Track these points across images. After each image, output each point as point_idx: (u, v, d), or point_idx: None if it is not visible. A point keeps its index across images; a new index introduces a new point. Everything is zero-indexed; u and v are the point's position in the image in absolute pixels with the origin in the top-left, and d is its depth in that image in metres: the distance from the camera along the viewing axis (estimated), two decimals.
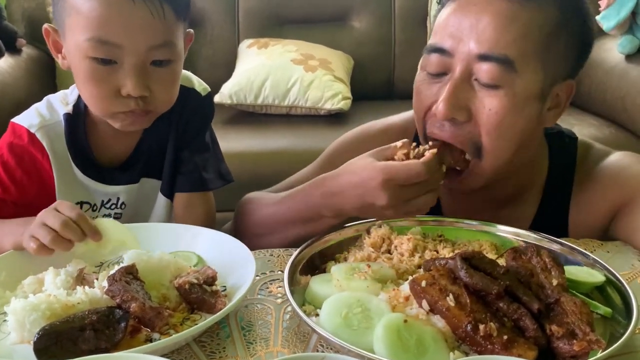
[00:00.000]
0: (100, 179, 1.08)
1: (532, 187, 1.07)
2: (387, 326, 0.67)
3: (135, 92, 0.94)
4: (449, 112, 0.91)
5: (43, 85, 2.61)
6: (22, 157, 1.04)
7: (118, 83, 0.94)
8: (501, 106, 0.90)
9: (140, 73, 0.94)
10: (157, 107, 1.00)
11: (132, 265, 0.79)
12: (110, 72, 0.93)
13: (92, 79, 0.94)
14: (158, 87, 0.97)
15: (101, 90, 0.95)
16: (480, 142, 0.93)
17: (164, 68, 0.97)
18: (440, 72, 0.94)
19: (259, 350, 0.73)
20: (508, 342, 0.66)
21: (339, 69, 2.62)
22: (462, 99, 0.92)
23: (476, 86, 0.92)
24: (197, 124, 1.12)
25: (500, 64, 0.89)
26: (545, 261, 0.79)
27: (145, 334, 0.73)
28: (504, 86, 0.90)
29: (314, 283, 0.83)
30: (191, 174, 1.10)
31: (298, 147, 2.30)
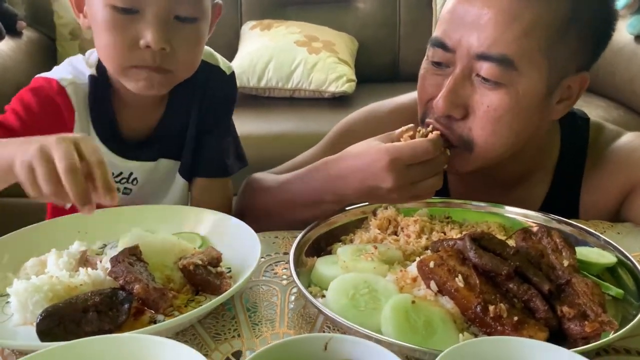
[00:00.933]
0: (117, 151, 1.03)
1: (543, 168, 1.05)
2: (394, 307, 0.66)
3: (154, 44, 0.87)
4: (446, 109, 0.90)
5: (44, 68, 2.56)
6: (48, 103, 0.96)
7: (137, 33, 0.88)
8: (501, 104, 0.88)
9: (162, 24, 0.88)
10: (176, 68, 0.93)
11: (136, 247, 0.78)
12: (130, 22, 0.88)
13: (110, 28, 0.88)
14: (180, 44, 0.91)
15: (118, 39, 0.89)
16: (471, 136, 0.91)
17: (188, 25, 0.91)
18: (444, 64, 0.93)
19: (265, 332, 0.72)
20: (518, 323, 0.65)
21: (343, 50, 2.59)
22: (461, 96, 0.90)
23: (477, 82, 0.89)
24: (221, 105, 1.08)
25: (500, 64, 0.86)
26: (556, 242, 0.78)
27: (149, 316, 0.72)
28: (506, 84, 0.87)
29: (320, 264, 0.82)
30: (213, 160, 1.07)
31: (302, 130, 2.28)
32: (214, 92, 1.06)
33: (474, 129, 0.91)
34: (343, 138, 1.13)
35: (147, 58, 0.90)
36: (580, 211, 1.05)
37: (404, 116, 1.11)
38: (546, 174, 1.05)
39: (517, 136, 0.92)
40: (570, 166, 1.04)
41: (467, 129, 0.91)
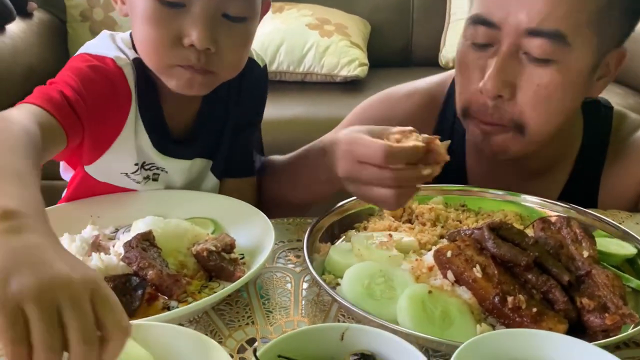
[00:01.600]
0: (158, 146, 0.93)
1: (564, 157, 1.03)
2: (411, 297, 0.65)
3: (199, 44, 0.80)
4: (497, 89, 0.87)
5: (55, 50, 2.58)
6: (106, 85, 0.86)
7: (181, 30, 0.80)
8: (551, 81, 0.85)
9: (209, 22, 0.80)
10: (220, 70, 0.85)
11: (149, 232, 0.77)
12: (175, 16, 0.80)
13: (152, 21, 0.81)
14: (226, 44, 0.82)
15: (160, 34, 0.81)
16: (523, 118, 0.89)
17: (237, 24, 0.83)
18: (487, 44, 0.89)
19: (279, 319, 0.71)
20: (537, 314, 0.64)
21: (355, 34, 2.56)
22: (509, 75, 0.87)
23: (524, 60, 0.86)
24: (256, 100, 1.03)
25: (552, 39, 0.83)
26: (575, 232, 0.76)
27: (163, 302, 0.72)
28: (557, 61, 0.85)
29: (334, 252, 0.81)
30: (243, 159, 1.02)
31: (313, 115, 2.27)
32: (249, 87, 1.00)
33: (525, 110, 0.88)
34: (359, 122, 1.12)
35: (190, 57, 0.82)
36: (599, 200, 1.03)
37: (419, 100, 1.09)
38: (567, 163, 1.03)
39: (566, 114, 0.90)
40: (592, 155, 1.02)
41: (518, 111, 0.88)
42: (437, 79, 1.13)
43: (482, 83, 0.88)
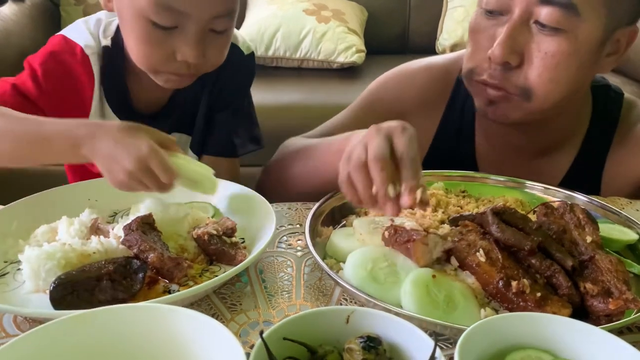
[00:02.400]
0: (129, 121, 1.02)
1: (571, 138, 1.04)
2: (415, 281, 0.65)
3: (193, 60, 0.87)
4: (505, 56, 0.87)
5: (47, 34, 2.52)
6: (68, 71, 0.95)
7: (174, 47, 0.87)
8: (559, 50, 0.86)
9: (200, 40, 0.87)
10: (206, 70, 0.95)
11: (149, 215, 0.76)
12: (168, 37, 0.86)
13: (146, 42, 0.87)
14: (212, 52, 0.91)
15: (155, 52, 0.88)
16: (529, 84, 0.89)
17: (221, 35, 0.91)
18: (498, 11, 0.89)
19: (281, 303, 0.70)
20: (541, 299, 0.64)
21: (352, 20, 2.54)
22: (518, 43, 0.87)
23: (534, 29, 0.87)
24: (237, 84, 1.06)
25: (563, 8, 0.83)
26: (578, 217, 0.76)
27: (163, 285, 0.71)
28: (566, 30, 0.85)
29: (336, 237, 0.80)
30: (222, 138, 1.05)
31: (310, 101, 2.25)
32: (230, 72, 1.03)
33: (530, 77, 0.88)
34: (377, 97, 1.12)
35: (182, 68, 0.89)
36: (603, 184, 1.03)
37: (435, 74, 1.10)
38: (573, 146, 1.04)
39: (572, 85, 0.90)
40: (598, 139, 1.03)
41: (524, 77, 0.89)
42: (453, 55, 1.13)
43: (490, 50, 0.88)
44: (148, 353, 0.51)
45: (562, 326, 0.54)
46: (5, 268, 0.76)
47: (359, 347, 0.51)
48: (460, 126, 1.08)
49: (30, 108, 0.93)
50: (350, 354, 0.51)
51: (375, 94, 1.13)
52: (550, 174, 0.99)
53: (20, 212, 0.84)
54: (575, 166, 1.04)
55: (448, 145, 1.09)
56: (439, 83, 1.10)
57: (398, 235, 0.72)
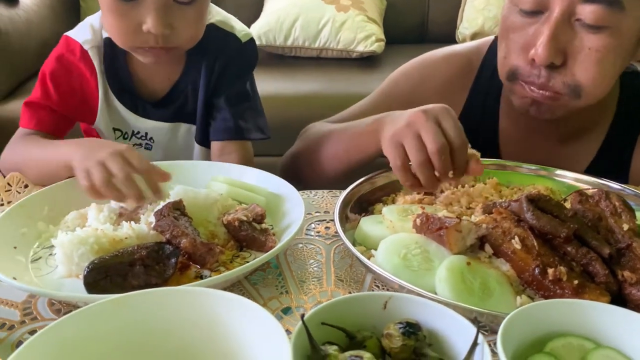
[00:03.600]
0: (132, 107, 1.06)
1: (597, 126, 1.02)
2: (450, 268, 0.64)
3: (155, 30, 0.90)
4: (550, 56, 0.85)
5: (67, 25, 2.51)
6: (71, 71, 1.03)
7: (140, 19, 0.90)
8: (604, 45, 0.84)
9: (162, 10, 0.90)
10: (180, 44, 0.97)
11: (180, 201, 0.76)
12: (132, 7, 0.90)
13: (114, 13, 0.91)
14: (181, 24, 0.93)
15: (122, 25, 0.92)
16: (577, 81, 0.87)
17: (189, 6, 0.93)
18: (536, 11, 0.87)
19: (313, 289, 0.70)
20: (579, 287, 0.63)
21: (372, 9, 2.52)
22: (561, 42, 0.85)
23: (577, 27, 0.84)
24: (234, 70, 1.06)
25: (608, 5, 0.81)
26: (614, 205, 0.75)
27: (195, 271, 0.71)
28: (610, 26, 0.83)
29: (365, 224, 0.80)
30: (225, 122, 1.05)
31: (329, 91, 2.24)
32: (226, 60, 1.05)
33: (578, 73, 0.87)
34: (398, 86, 1.11)
35: (150, 40, 0.93)
36: (631, 171, 1.01)
37: (457, 63, 1.09)
38: (599, 132, 1.02)
39: (616, 77, 0.89)
40: (625, 126, 1.01)
41: (570, 74, 0.87)
42: (474, 43, 1.12)
43: (533, 50, 0.86)
44: (188, 336, 0.51)
45: (603, 313, 0.53)
46: (37, 253, 0.76)
47: (399, 333, 0.50)
48: (483, 114, 1.07)
49: (45, 114, 1.03)
50: (390, 339, 0.50)
51: (396, 83, 1.13)
52: (575, 161, 0.97)
53: (51, 197, 0.85)
54: (601, 154, 1.02)
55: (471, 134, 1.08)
56: (460, 72, 1.09)
57: (430, 223, 0.72)
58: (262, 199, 0.85)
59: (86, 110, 1.06)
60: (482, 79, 1.07)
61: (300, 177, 0.97)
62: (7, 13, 2.21)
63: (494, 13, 2.51)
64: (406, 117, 0.80)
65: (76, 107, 1.05)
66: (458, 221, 0.69)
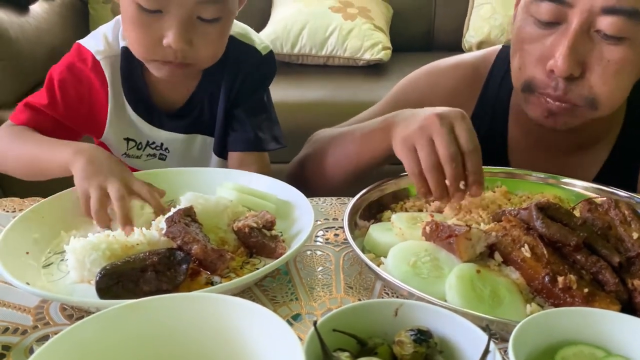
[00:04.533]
0: (147, 119, 1.06)
1: (605, 136, 1.02)
2: (460, 276, 0.65)
3: (175, 45, 0.89)
4: (569, 68, 0.85)
5: (76, 32, 2.57)
6: (81, 80, 1.02)
7: (161, 32, 0.90)
8: (622, 57, 0.84)
9: (184, 26, 0.89)
10: (198, 62, 0.96)
11: (190, 208, 0.77)
12: (155, 20, 0.89)
13: (135, 24, 0.91)
14: (202, 42, 0.93)
15: (143, 36, 0.91)
16: (595, 93, 0.87)
17: (211, 24, 0.92)
18: (553, 22, 0.87)
19: (323, 296, 0.71)
20: (589, 295, 0.63)
21: (378, 17, 2.53)
22: (580, 54, 0.85)
23: (596, 38, 0.84)
24: (254, 83, 1.07)
25: (628, 17, 0.81)
26: (624, 213, 0.75)
27: (206, 277, 0.72)
28: (629, 38, 0.83)
29: (374, 231, 0.80)
30: (245, 133, 1.05)
31: (335, 98, 2.25)
32: (247, 73, 1.05)
33: (595, 86, 0.87)
34: (406, 93, 1.12)
35: (169, 55, 0.92)
36: (639, 183, 1.01)
37: (464, 72, 1.09)
38: (607, 142, 1.02)
39: (631, 87, 0.90)
40: (634, 136, 1.01)
41: (588, 87, 0.87)
42: (482, 53, 1.12)
43: (552, 61, 0.86)
44: (200, 342, 0.51)
45: (615, 322, 0.54)
46: (49, 258, 0.77)
47: (410, 340, 0.51)
48: (492, 123, 1.07)
49: (48, 124, 1.02)
50: (401, 346, 0.51)
51: (404, 92, 1.13)
52: (584, 170, 0.98)
53: (63, 203, 0.86)
54: (609, 164, 1.02)
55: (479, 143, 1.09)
56: (467, 81, 1.09)
57: (440, 231, 0.72)
58: (272, 205, 0.86)
59: (93, 122, 1.05)
60: (490, 88, 1.07)
61: (307, 184, 0.97)
62: (18, 20, 2.23)
63: (500, 21, 2.51)
64: (420, 120, 0.81)
65: (83, 118, 1.04)
66: (468, 229, 0.69)
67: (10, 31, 2.16)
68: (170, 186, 0.90)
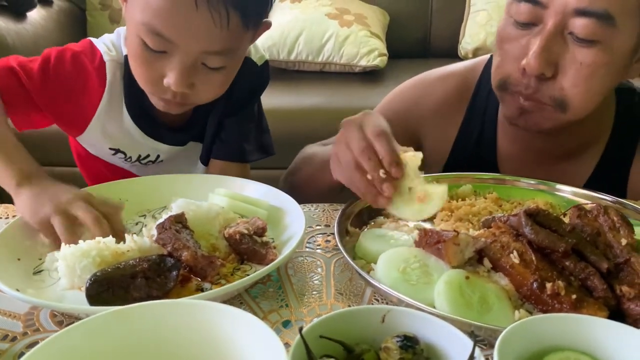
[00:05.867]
0: (147, 132, 1.03)
1: (594, 142, 1.02)
2: (448, 282, 0.65)
3: (175, 88, 0.87)
4: (540, 68, 0.86)
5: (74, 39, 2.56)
6: (79, 74, 0.97)
7: (163, 71, 0.87)
8: (594, 61, 0.85)
9: (187, 70, 0.86)
10: (196, 102, 0.95)
11: (182, 214, 0.77)
12: (158, 59, 0.87)
13: (139, 60, 0.89)
14: (204, 86, 0.90)
15: (145, 73, 0.89)
16: (565, 95, 0.88)
17: (216, 71, 0.89)
18: (530, 22, 0.88)
19: (312, 303, 0.71)
20: (577, 301, 0.63)
21: (374, 24, 2.54)
22: (552, 54, 0.86)
23: (569, 40, 0.85)
24: (247, 93, 1.06)
25: (600, 20, 0.82)
26: (613, 220, 0.75)
27: (196, 284, 0.72)
28: (601, 41, 0.84)
29: (365, 238, 0.80)
30: (230, 143, 1.05)
31: (332, 105, 2.25)
32: (242, 84, 1.03)
33: (566, 88, 0.87)
34: (392, 106, 1.12)
35: (168, 94, 0.90)
36: (629, 188, 1.02)
37: (453, 83, 1.09)
38: (597, 149, 1.02)
39: (605, 93, 0.90)
40: (623, 144, 1.01)
41: (559, 88, 0.88)
42: (470, 63, 1.12)
43: (525, 61, 0.87)
44: (188, 349, 0.51)
45: (601, 328, 0.54)
46: (40, 265, 0.77)
47: (396, 347, 0.51)
48: (481, 132, 1.08)
49: (19, 94, 0.95)
50: (388, 353, 0.51)
51: (392, 104, 1.14)
52: (573, 177, 0.98)
53: None
54: (599, 170, 1.03)
55: (468, 152, 1.09)
56: (456, 92, 1.09)
57: (429, 237, 0.72)
58: (264, 212, 0.86)
59: (74, 120, 1.00)
60: (478, 98, 1.08)
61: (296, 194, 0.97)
62: (15, 27, 2.24)
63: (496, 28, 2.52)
64: (338, 136, 0.81)
65: (64, 112, 0.99)
66: (456, 234, 0.69)
67: (7, 38, 2.16)
68: (161, 192, 0.90)
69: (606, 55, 0.84)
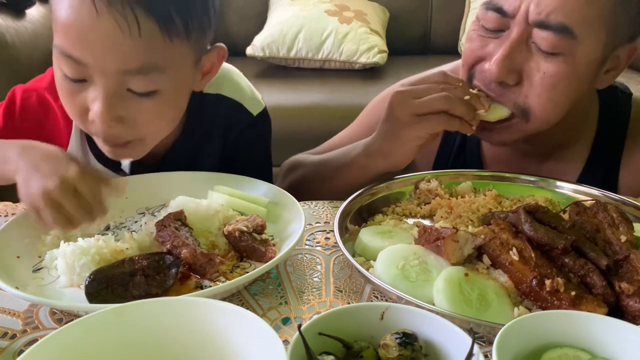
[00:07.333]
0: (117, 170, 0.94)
1: (579, 142, 1.02)
2: (447, 279, 0.65)
3: (99, 120, 0.76)
4: (501, 74, 0.87)
5: None
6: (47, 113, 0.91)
7: (87, 103, 0.76)
8: (557, 72, 0.85)
9: (111, 99, 0.75)
10: (142, 138, 0.82)
11: (181, 212, 0.77)
12: (80, 90, 0.77)
13: (62, 92, 0.79)
14: (138, 118, 0.78)
15: (70, 105, 0.79)
16: (528, 104, 0.88)
17: (147, 98, 0.77)
18: (497, 29, 0.89)
19: (312, 300, 0.71)
20: (576, 298, 0.63)
21: (374, 21, 2.54)
22: (516, 62, 0.86)
23: (533, 49, 0.86)
24: (249, 143, 1.01)
25: (558, 33, 0.82)
26: (612, 216, 0.75)
27: (195, 281, 0.72)
28: (564, 53, 0.84)
29: (364, 235, 0.80)
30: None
31: (331, 102, 2.26)
32: (239, 134, 0.98)
33: (530, 97, 0.88)
34: (372, 115, 1.13)
35: (99, 131, 0.78)
36: (620, 186, 1.01)
37: None
38: (583, 149, 1.02)
39: (570, 103, 0.90)
40: (609, 142, 1.01)
41: (523, 96, 0.88)
42: (451, 65, 1.12)
43: (487, 64, 0.88)
44: (187, 346, 0.51)
45: (599, 324, 0.54)
46: (39, 263, 0.77)
47: (395, 343, 0.51)
48: (464, 137, 1.08)
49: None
50: (386, 349, 0.51)
51: (372, 113, 1.14)
52: (563, 176, 0.97)
53: None
54: (588, 169, 1.02)
55: (453, 158, 1.09)
56: None
57: (428, 234, 0.72)
58: (263, 209, 0.86)
59: None
60: None
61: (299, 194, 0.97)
62: (14, 25, 2.24)
63: None
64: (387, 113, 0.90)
65: None
66: (455, 231, 0.69)
67: (6, 35, 2.16)
68: (160, 190, 0.90)
69: (569, 66, 0.84)
